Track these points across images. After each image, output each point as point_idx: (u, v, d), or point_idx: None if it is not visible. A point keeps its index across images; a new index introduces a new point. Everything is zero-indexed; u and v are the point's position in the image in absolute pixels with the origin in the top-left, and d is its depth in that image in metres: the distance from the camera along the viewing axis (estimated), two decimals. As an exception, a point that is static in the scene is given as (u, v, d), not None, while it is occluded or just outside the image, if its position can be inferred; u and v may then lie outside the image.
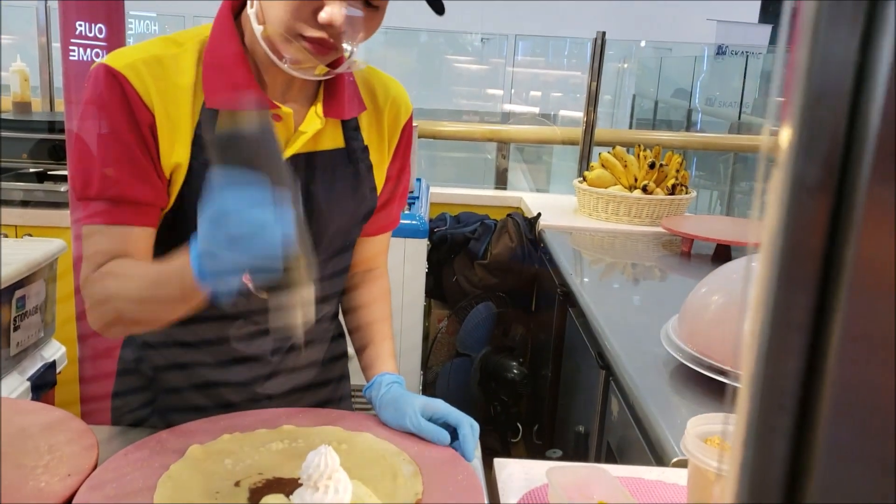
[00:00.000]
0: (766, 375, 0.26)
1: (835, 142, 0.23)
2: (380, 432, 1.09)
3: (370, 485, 0.94)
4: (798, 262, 0.24)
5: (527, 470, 1.12)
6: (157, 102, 1.02)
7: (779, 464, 0.27)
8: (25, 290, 1.91)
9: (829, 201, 0.24)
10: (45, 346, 2.08)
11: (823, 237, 0.24)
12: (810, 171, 0.23)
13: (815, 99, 0.23)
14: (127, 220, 1.03)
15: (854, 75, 0.22)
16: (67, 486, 0.92)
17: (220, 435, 1.06)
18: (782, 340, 0.26)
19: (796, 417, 0.26)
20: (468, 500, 0.94)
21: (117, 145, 1.01)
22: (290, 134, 1.08)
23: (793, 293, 0.25)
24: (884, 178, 0.23)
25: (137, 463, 0.98)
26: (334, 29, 0.97)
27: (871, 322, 0.25)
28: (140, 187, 1.02)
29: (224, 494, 0.93)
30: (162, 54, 1.03)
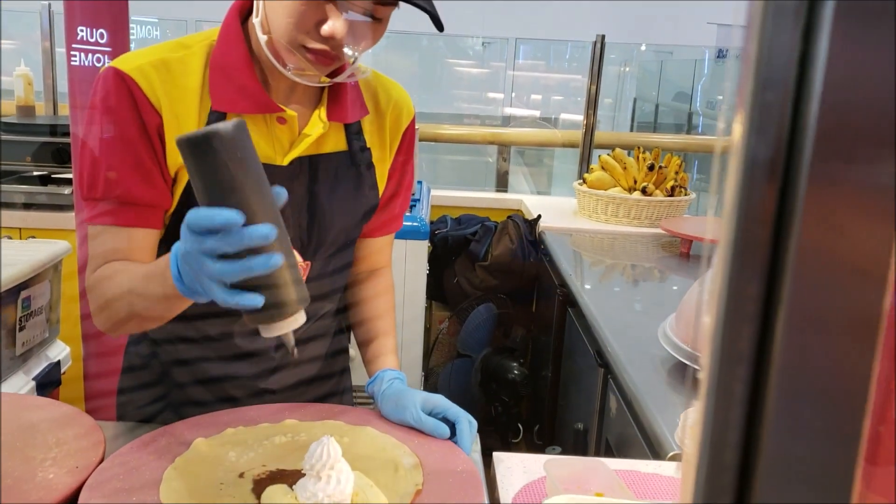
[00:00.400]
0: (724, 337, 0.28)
1: (782, 123, 0.26)
2: (381, 426, 1.11)
3: (371, 476, 0.96)
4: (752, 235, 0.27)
5: (525, 464, 1.15)
6: (165, 104, 1.04)
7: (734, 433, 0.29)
8: (31, 290, 1.94)
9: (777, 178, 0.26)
10: (50, 346, 2.10)
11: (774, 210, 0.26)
12: (761, 150, 0.26)
13: (763, 85, 0.25)
14: (131, 222, 1.05)
15: (797, 64, 0.25)
16: (75, 478, 0.94)
17: (224, 429, 1.08)
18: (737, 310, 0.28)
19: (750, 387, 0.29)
20: (467, 491, 0.96)
21: (124, 147, 1.03)
22: (294, 137, 1.10)
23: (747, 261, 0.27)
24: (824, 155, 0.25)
25: (143, 456, 1.00)
26: (336, 41, 0.99)
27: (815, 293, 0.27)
28: (145, 189, 1.05)
29: (228, 485, 0.95)
30: (169, 57, 1.06)
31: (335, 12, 0.97)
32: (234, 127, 0.79)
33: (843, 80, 0.25)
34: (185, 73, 1.06)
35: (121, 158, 1.03)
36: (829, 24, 0.24)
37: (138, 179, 1.04)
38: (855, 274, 0.26)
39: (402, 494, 0.95)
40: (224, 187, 0.79)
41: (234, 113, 1.06)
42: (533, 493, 1.06)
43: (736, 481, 0.29)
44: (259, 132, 1.08)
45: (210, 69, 1.07)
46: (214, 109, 1.06)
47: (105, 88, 1.03)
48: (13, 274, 1.82)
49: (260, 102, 1.06)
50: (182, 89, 1.05)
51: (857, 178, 0.25)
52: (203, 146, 0.78)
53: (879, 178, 0.25)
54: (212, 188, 0.80)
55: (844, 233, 0.26)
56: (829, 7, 0.24)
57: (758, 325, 0.28)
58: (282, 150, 1.10)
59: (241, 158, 0.79)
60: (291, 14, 0.98)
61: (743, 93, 0.26)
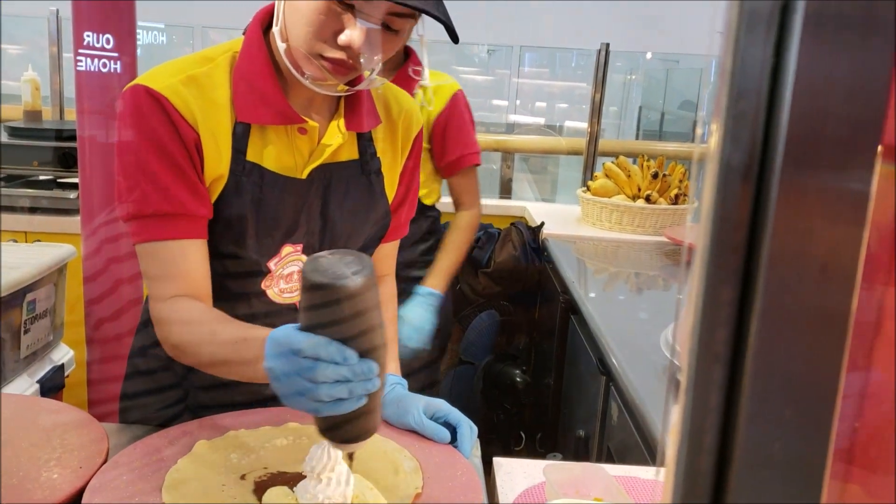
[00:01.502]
0: (701, 335, 0.29)
1: (755, 131, 0.27)
2: (381, 430, 1.12)
3: (371, 478, 0.97)
4: (728, 237, 0.28)
5: (525, 469, 1.15)
6: (200, 120, 1.05)
7: (713, 417, 0.30)
8: (36, 293, 1.95)
9: (751, 182, 0.27)
10: (53, 350, 2.11)
11: (748, 213, 0.27)
12: (736, 156, 0.27)
13: (738, 96, 0.27)
14: (181, 234, 1.06)
15: (769, 75, 0.26)
16: (79, 478, 0.95)
17: (226, 432, 1.09)
18: (714, 310, 0.29)
19: (727, 379, 0.30)
20: (467, 494, 0.97)
21: (169, 163, 1.04)
22: (313, 146, 1.12)
23: (723, 263, 0.29)
24: (795, 160, 0.27)
25: (146, 458, 1.01)
26: (353, 51, 1.00)
27: (786, 292, 0.28)
28: (193, 201, 1.06)
29: (230, 487, 0.96)
30: (196, 73, 1.07)
31: (353, 22, 0.98)
32: (365, 279, 0.80)
33: (811, 91, 0.26)
34: (212, 87, 1.07)
35: (166, 173, 1.04)
36: (797, 39, 0.26)
37: (187, 192, 1.05)
38: (824, 273, 0.27)
39: (402, 497, 0.95)
40: (346, 332, 0.81)
41: (257, 123, 1.08)
42: (532, 497, 1.07)
43: (713, 477, 0.30)
44: (280, 142, 1.10)
45: (234, 80, 1.08)
46: (239, 120, 1.07)
47: (138, 107, 1.04)
48: (19, 277, 1.83)
49: (282, 113, 1.08)
50: (212, 104, 1.06)
51: (825, 183, 0.27)
52: (329, 293, 0.79)
53: (846, 183, 0.26)
54: (332, 329, 0.81)
55: (814, 234, 0.27)
56: (797, 23, 0.26)
57: (733, 326, 0.29)
58: (302, 161, 1.12)
59: (363, 311, 0.81)
60: (310, 23, 0.99)
61: (719, 102, 0.27)
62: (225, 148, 1.07)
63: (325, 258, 0.81)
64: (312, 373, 0.80)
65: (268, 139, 1.09)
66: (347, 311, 0.79)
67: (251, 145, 1.08)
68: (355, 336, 0.81)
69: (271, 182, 1.09)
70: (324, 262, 0.80)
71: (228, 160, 1.07)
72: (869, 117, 0.26)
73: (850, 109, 0.26)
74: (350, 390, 0.81)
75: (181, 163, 1.05)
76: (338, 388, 0.80)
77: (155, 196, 1.04)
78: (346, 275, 0.78)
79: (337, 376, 0.80)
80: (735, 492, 0.30)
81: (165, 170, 1.04)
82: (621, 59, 6.64)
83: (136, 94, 1.04)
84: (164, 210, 1.04)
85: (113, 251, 2.05)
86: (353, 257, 0.81)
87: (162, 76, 1.06)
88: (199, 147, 1.06)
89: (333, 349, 0.80)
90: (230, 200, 1.08)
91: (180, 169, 1.05)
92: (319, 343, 0.80)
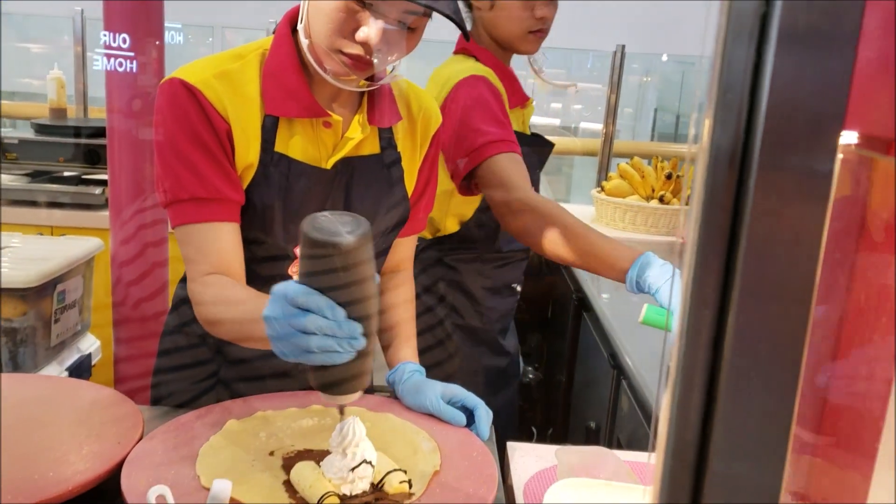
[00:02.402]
0: (690, 321, 0.35)
1: (739, 118, 0.32)
2: (401, 413, 1.18)
3: (392, 458, 1.02)
4: (714, 217, 0.34)
5: (538, 452, 1.20)
6: (231, 112, 1.12)
7: (700, 377, 0.36)
8: (65, 284, 2.02)
9: (736, 163, 0.33)
10: (81, 339, 2.18)
11: (733, 192, 0.33)
12: (723, 139, 0.32)
13: (725, 89, 0.32)
14: (218, 217, 1.13)
15: (751, 72, 0.32)
16: (118, 452, 1.01)
17: (255, 412, 1.14)
18: (702, 290, 0.35)
19: (711, 350, 0.36)
20: (482, 473, 1.02)
21: (203, 150, 1.11)
22: (337, 140, 1.19)
23: (710, 238, 0.34)
24: (772, 143, 0.32)
25: (179, 435, 1.07)
26: (370, 47, 1.07)
27: (763, 264, 0.34)
28: (226, 186, 1.13)
29: (260, 462, 1.02)
30: (228, 68, 1.14)
31: (370, 20, 1.05)
32: (356, 239, 0.84)
33: (785, 86, 0.32)
34: (243, 81, 1.14)
35: (203, 159, 1.11)
36: (774, 44, 0.31)
37: (221, 178, 1.12)
38: (793, 246, 0.33)
39: (421, 474, 1.01)
40: (338, 287, 0.86)
41: (284, 116, 1.14)
42: (545, 479, 1.12)
43: (698, 444, 0.36)
44: (306, 135, 1.17)
45: (263, 76, 1.15)
46: (268, 113, 1.14)
47: (174, 97, 1.11)
48: (50, 268, 1.90)
49: (308, 107, 1.15)
50: (243, 97, 1.13)
51: (796, 163, 0.32)
52: (323, 249, 0.84)
53: (814, 164, 0.32)
54: (323, 281, 0.86)
55: (785, 207, 0.32)
56: (774, 32, 0.31)
57: (717, 307, 0.35)
58: (326, 153, 1.18)
59: (357, 263, 0.86)
60: (330, 20, 1.06)
61: (710, 95, 0.32)
62: (254, 139, 1.14)
63: (324, 217, 0.86)
64: (302, 322, 0.85)
65: (294, 131, 1.16)
66: (339, 266, 0.84)
67: (279, 137, 1.15)
68: (346, 290, 0.86)
69: (297, 171, 1.15)
70: (322, 220, 0.86)
71: (258, 150, 1.14)
72: (832, 111, 0.32)
73: (816, 103, 0.31)
74: (338, 344, 0.86)
75: (215, 151, 1.11)
76: (326, 340, 0.85)
77: (191, 181, 1.11)
78: (340, 232, 0.84)
79: (326, 328, 0.85)
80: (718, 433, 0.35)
81: (200, 157, 1.11)
82: (638, 61, 6.65)
83: (172, 87, 1.11)
84: (200, 195, 1.11)
85: (142, 240, 2.12)
86: (350, 217, 0.87)
87: (196, 70, 1.13)
88: (230, 137, 1.12)
89: (323, 302, 0.85)
90: (259, 188, 1.14)
91: (214, 156, 1.11)
92: (311, 294, 0.86)
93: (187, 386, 1.30)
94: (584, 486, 1.00)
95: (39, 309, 1.90)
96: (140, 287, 2.14)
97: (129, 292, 2.14)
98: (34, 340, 1.89)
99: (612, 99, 3.58)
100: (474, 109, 1.59)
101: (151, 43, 2.14)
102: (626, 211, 2.99)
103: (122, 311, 2.16)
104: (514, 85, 1.78)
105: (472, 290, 1.82)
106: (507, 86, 1.72)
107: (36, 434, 1.07)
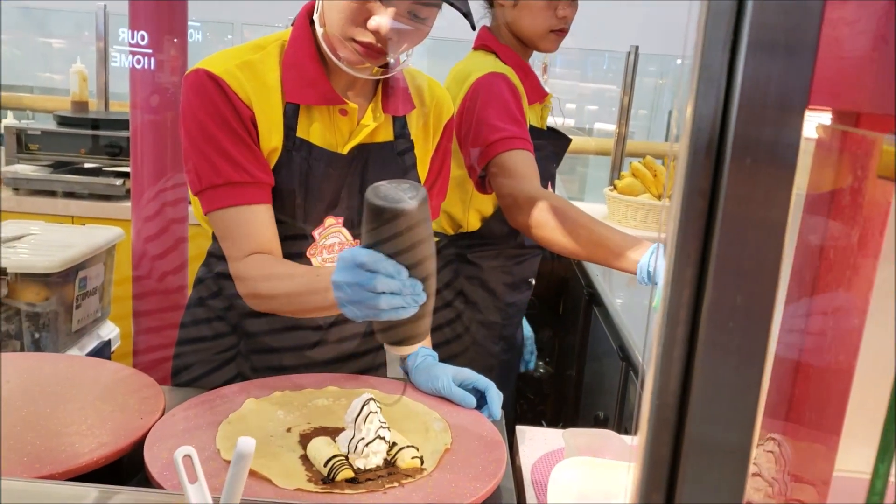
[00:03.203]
0: (671, 295, 0.39)
1: (716, 107, 0.37)
2: (413, 395, 1.21)
3: (405, 436, 1.06)
4: (693, 205, 0.38)
5: (545, 436, 1.24)
6: (254, 100, 1.17)
7: (679, 347, 0.40)
8: (87, 271, 2.07)
9: (713, 149, 0.38)
10: (101, 326, 2.23)
11: (710, 178, 0.38)
12: (703, 126, 0.37)
13: (705, 87, 0.37)
14: (252, 199, 1.18)
15: (726, 72, 0.37)
16: (142, 426, 1.06)
17: (272, 392, 1.18)
18: (682, 267, 0.40)
19: (689, 326, 0.40)
20: (492, 452, 1.05)
21: (231, 136, 1.16)
22: (353, 127, 1.24)
23: (689, 227, 0.39)
24: (743, 129, 0.37)
25: (200, 412, 1.11)
26: (381, 35, 1.12)
27: (736, 240, 0.38)
28: (258, 170, 1.18)
29: (277, 437, 1.06)
30: (250, 59, 1.19)
31: (381, 9, 1.11)
32: (418, 204, 0.92)
33: (753, 80, 0.37)
34: (264, 70, 1.19)
35: (234, 145, 1.16)
36: (745, 45, 0.37)
37: (252, 161, 1.17)
38: (762, 226, 0.37)
39: (433, 452, 1.04)
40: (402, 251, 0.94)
41: (303, 104, 1.19)
42: (552, 460, 1.15)
43: (677, 407, 0.41)
44: (323, 122, 1.22)
45: (283, 65, 1.21)
46: (288, 101, 1.19)
47: (200, 86, 1.15)
48: (73, 255, 1.95)
49: (326, 95, 1.20)
50: (264, 85, 1.18)
51: (764, 148, 0.37)
52: (389, 215, 0.92)
53: (778, 149, 0.36)
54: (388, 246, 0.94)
55: (756, 187, 0.37)
56: (745, 36, 0.37)
57: (695, 286, 0.39)
58: (342, 140, 1.23)
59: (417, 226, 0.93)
60: (343, 10, 1.12)
61: (692, 88, 0.37)
62: (277, 125, 1.19)
63: (384, 186, 0.94)
64: (372, 283, 0.93)
65: (313, 118, 1.22)
66: (403, 230, 0.92)
67: (300, 124, 1.21)
68: (409, 252, 0.94)
69: (318, 156, 1.21)
70: (383, 188, 0.93)
71: (281, 136, 1.19)
72: (795, 105, 0.37)
73: (780, 93, 0.36)
74: (404, 301, 0.93)
75: (243, 136, 1.16)
76: (393, 298, 0.93)
77: (224, 167, 1.16)
78: (403, 199, 0.91)
79: (393, 287, 0.92)
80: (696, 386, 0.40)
81: (231, 143, 1.16)
82: (654, 63, 6.65)
83: (197, 77, 1.16)
84: (234, 179, 1.16)
85: (160, 232, 2.16)
86: (408, 184, 0.94)
87: (220, 61, 1.18)
88: (254, 122, 1.18)
89: (389, 264, 0.93)
90: (282, 172, 1.20)
91: (244, 141, 1.16)
92: (378, 258, 0.93)
93: (206, 371, 1.34)
94: (588, 465, 1.03)
95: (62, 294, 1.95)
96: (163, 262, 2.19)
97: (153, 266, 2.18)
98: (56, 325, 1.95)
99: (624, 100, 3.61)
100: (491, 106, 1.62)
101: (173, 40, 2.18)
102: (638, 209, 3.01)
103: (145, 285, 2.20)
104: (534, 82, 1.81)
105: (494, 286, 1.85)
106: (527, 82, 1.75)
107: (62, 409, 1.11)
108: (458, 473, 0.99)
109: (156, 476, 0.93)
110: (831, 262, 0.45)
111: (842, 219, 0.44)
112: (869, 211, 0.41)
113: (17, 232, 2.07)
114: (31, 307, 1.90)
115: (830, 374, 0.48)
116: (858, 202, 0.42)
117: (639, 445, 0.45)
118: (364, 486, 0.95)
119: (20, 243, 2.00)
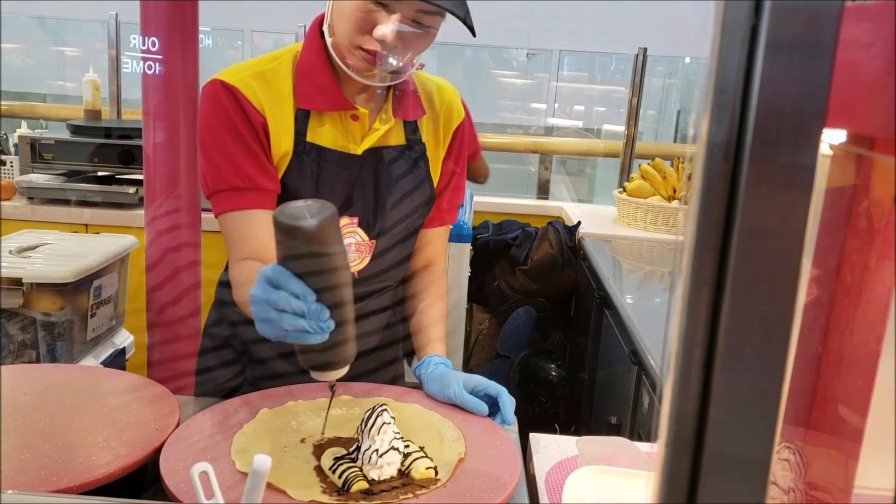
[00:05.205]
0: (691, 300, 0.39)
1: (733, 117, 0.37)
2: (426, 403, 1.22)
3: (418, 445, 1.06)
4: (711, 205, 0.38)
5: (559, 444, 1.24)
6: (267, 107, 1.21)
7: (701, 338, 0.40)
8: (101, 280, 2.08)
9: (730, 158, 0.37)
10: (116, 334, 2.25)
11: (727, 182, 0.37)
12: (719, 136, 0.36)
13: (720, 90, 0.36)
14: (254, 204, 1.21)
15: (743, 76, 0.36)
16: (157, 438, 1.06)
17: (286, 402, 1.19)
18: (700, 272, 0.39)
19: (709, 328, 0.40)
20: (506, 461, 1.06)
21: (241, 143, 1.20)
22: (365, 131, 1.28)
23: (707, 224, 0.38)
24: (761, 139, 0.36)
25: (215, 423, 1.12)
26: (387, 44, 1.15)
27: (754, 245, 0.38)
28: (261, 176, 1.21)
29: (291, 448, 1.06)
30: (264, 69, 1.24)
31: (386, 18, 1.15)
32: (318, 224, 0.89)
33: (771, 88, 0.36)
34: (278, 79, 1.24)
35: (240, 152, 1.20)
36: (762, 50, 0.36)
37: (256, 169, 1.21)
38: (780, 231, 0.37)
39: (447, 462, 1.05)
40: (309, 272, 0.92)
41: (314, 109, 1.23)
42: (566, 468, 1.16)
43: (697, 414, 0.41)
44: (335, 127, 1.25)
45: (295, 74, 1.25)
46: (299, 107, 1.22)
47: (215, 96, 1.20)
48: (88, 264, 1.96)
49: (336, 100, 1.24)
50: (277, 93, 1.23)
51: (782, 158, 0.36)
52: (292, 233, 0.89)
53: (796, 158, 0.36)
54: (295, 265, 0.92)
55: (774, 200, 0.36)
56: (762, 39, 0.35)
57: (714, 288, 0.39)
58: (355, 144, 1.27)
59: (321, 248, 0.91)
60: (350, 19, 1.16)
61: (707, 96, 0.36)
62: (288, 130, 1.23)
63: (295, 204, 0.91)
64: (276, 300, 0.91)
65: (325, 123, 1.25)
66: (304, 249, 0.89)
67: (310, 128, 1.24)
68: (315, 273, 0.91)
69: (328, 158, 1.24)
70: (292, 206, 0.90)
71: (291, 141, 1.23)
72: (814, 111, 0.36)
73: (800, 103, 0.36)
74: (308, 325, 0.91)
75: (251, 144, 1.20)
76: (297, 320, 0.90)
77: (228, 172, 1.20)
78: (305, 216, 0.88)
79: (296, 307, 0.90)
80: (716, 392, 0.39)
81: (237, 149, 1.20)
82: (661, 64, 6.64)
83: (213, 87, 1.21)
84: (236, 184, 1.20)
85: (172, 240, 2.17)
86: (318, 204, 0.90)
87: (235, 72, 1.22)
88: (266, 129, 1.21)
89: (295, 283, 0.91)
90: (293, 175, 1.23)
91: (250, 149, 1.20)
92: (284, 275, 0.91)
93: (219, 384, 1.36)
94: (603, 473, 1.03)
95: (76, 304, 1.97)
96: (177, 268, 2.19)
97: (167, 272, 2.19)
98: (71, 334, 1.96)
99: (633, 101, 3.61)
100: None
101: (184, 46, 2.19)
102: (648, 211, 3.01)
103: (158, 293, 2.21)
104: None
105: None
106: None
107: (77, 420, 1.12)
108: (473, 484, 1.00)
109: (172, 489, 0.94)
110: (848, 284, 0.45)
111: (858, 240, 0.44)
112: (885, 235, 0.41)
113: (31, 242, 2.08)
114: (47, 316, 1.92)
115: (848, 382, 0.48)
116: (872, 225, 0.42)
117: (658, 457, 0.46)
118: (378, 497, 0.95)
119: (35, 253, 2.02)
